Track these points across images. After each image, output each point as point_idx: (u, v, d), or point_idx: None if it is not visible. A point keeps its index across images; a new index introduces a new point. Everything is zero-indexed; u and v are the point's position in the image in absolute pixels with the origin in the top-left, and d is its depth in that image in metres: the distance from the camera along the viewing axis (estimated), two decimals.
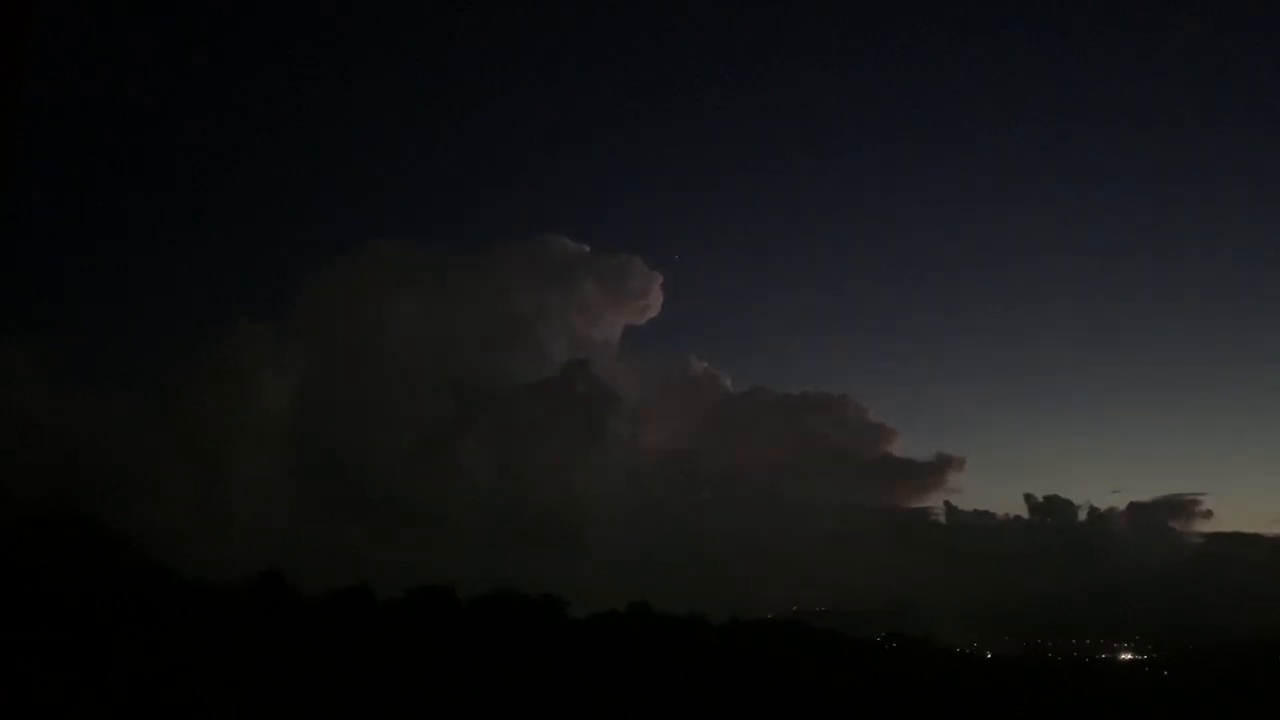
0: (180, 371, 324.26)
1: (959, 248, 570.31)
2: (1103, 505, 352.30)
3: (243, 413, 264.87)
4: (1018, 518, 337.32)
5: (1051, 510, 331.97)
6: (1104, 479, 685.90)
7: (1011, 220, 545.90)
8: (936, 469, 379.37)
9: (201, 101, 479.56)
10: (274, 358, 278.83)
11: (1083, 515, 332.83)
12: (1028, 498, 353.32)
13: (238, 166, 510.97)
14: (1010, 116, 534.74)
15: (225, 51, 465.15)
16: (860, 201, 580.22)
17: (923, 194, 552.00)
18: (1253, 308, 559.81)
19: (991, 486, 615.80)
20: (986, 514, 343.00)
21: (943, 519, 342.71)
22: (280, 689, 33.27)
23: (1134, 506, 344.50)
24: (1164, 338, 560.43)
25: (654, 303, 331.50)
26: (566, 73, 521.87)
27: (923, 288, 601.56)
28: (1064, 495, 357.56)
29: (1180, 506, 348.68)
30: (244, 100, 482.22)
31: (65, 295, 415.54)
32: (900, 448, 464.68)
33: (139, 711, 28.33)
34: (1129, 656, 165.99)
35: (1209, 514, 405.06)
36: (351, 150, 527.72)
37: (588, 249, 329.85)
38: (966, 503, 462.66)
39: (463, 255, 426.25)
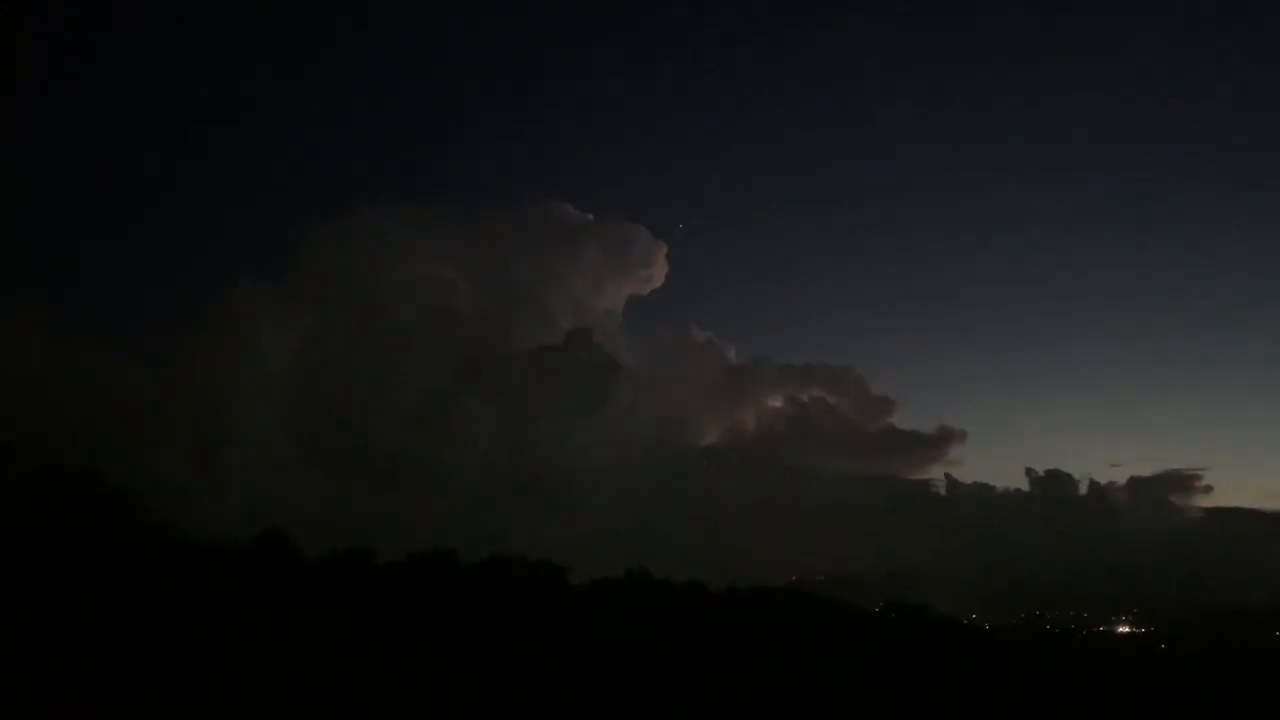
0: (182, 331, 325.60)
1: (963, 223, 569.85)
2: (1103, 479, 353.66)
3: (244, 371, 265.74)
4: (1018, 490, 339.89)
5: (1052, 483, 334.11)
6: (1105, 453, 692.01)
7: (1016, 198, 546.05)
8: (938, 441, 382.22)
9: (204, 63, 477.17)
10: (275, 317, 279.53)
11: (1083, 489, 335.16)
12: (1028, 471, 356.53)
13: (241, 126, 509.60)
14: (1016, 94, 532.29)
15: (227, 14, 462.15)
16: (866, 176, 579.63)
17: (928, 169, 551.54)
18: (1254, 285, 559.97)
19: (992, 459, 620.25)
20: (987, 486, 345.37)
21: (943, 491, 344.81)
22: (281, 648, 33.30)
23: (1134, 481, 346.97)
24: (1166, 315, 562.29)
25: (658, 272, 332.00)
26: (572, 40, 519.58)
27: (927, 262, 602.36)
28: (1065, 469, 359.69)
29: (1180, 481, 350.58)
30: (247, 62, 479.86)
31: (68, 254, 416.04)
32: (902, 420, 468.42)
33: (140, 669, 28.35)
34: (1127, 629, 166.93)
35: (1208, 489, 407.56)
36: (355, 112, 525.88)
37: (591, 217, 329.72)
38: (967, 475, 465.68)
39: (465, 220, 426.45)
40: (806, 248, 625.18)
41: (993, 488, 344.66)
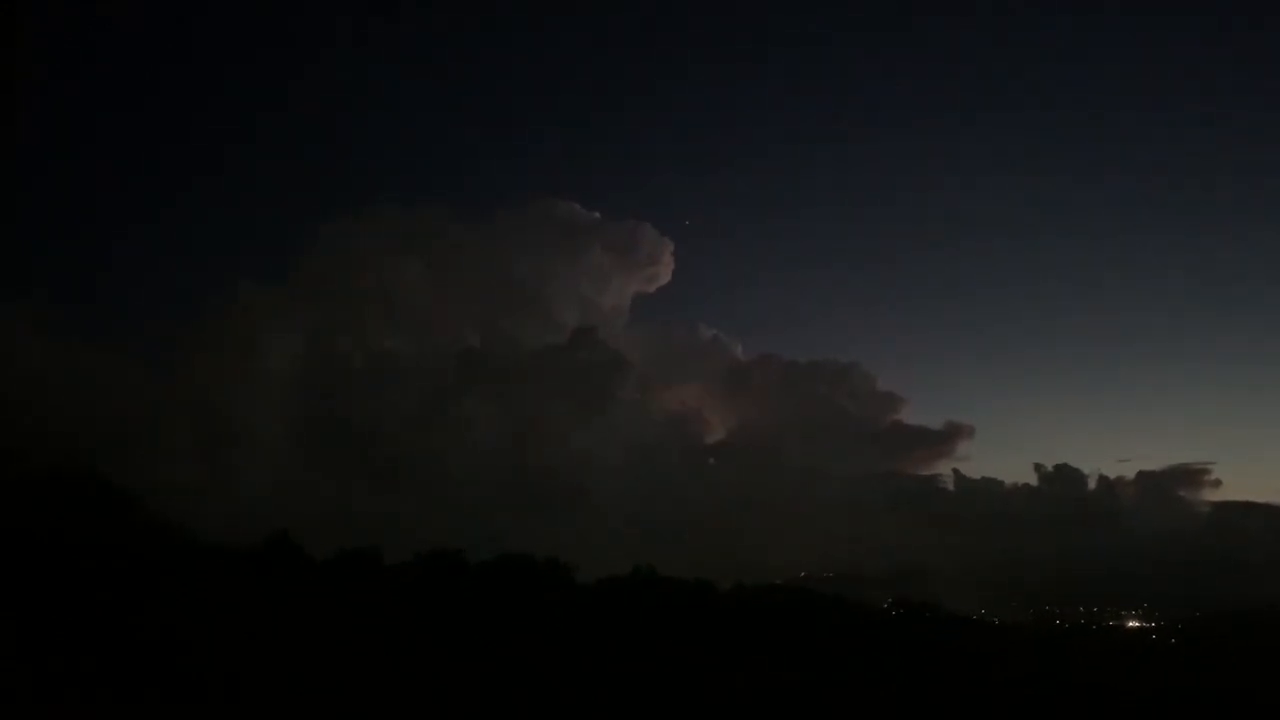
0: (184, 331, 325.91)
1: (970, 220, 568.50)
2: (1112, 474, 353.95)
3: (246, 372, 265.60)
4: (1026, 485, 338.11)
5: (1060, 478, 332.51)
6: (1113, 448, 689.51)
7: (1024, 195, 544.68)
8: (946, 437, 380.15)
9: (204, 64, 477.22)
10: (277, 317, 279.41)
11: (1092, 484, 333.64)
12: (1037, 466, 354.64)
13: (241, 126, 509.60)
14: (1022, 94, 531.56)
15: (229, 12, 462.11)
16: (873, 173, 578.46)
17: (935, 168, 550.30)
18: (1260, 281, 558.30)
19: (1000, 455, 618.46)
20: (995, 482, 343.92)
21: (951, 487, 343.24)
22: (283, 648, 33.09)
23: (1143, 475, 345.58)
24: (1174, 310, 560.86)
25: (664, 270, 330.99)
26: (580, 38, 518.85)
27: (934, 258, 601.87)
28: (1073, 464, 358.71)
29: (1189, 475, 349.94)
30: (247, 62, 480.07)
31: (69, 254, 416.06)
32: (910, 416, 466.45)
33: (140, 669, 28.14)
34: (1136, 624, 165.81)
35: (1218, 483, 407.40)
36: (358, 113, 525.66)
37: (598, 215, 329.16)
38: (975, 471, 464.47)
39: (470, 220, 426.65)
40: (813, 245, 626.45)
41: (1001, 483, 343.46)
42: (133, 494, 61.78)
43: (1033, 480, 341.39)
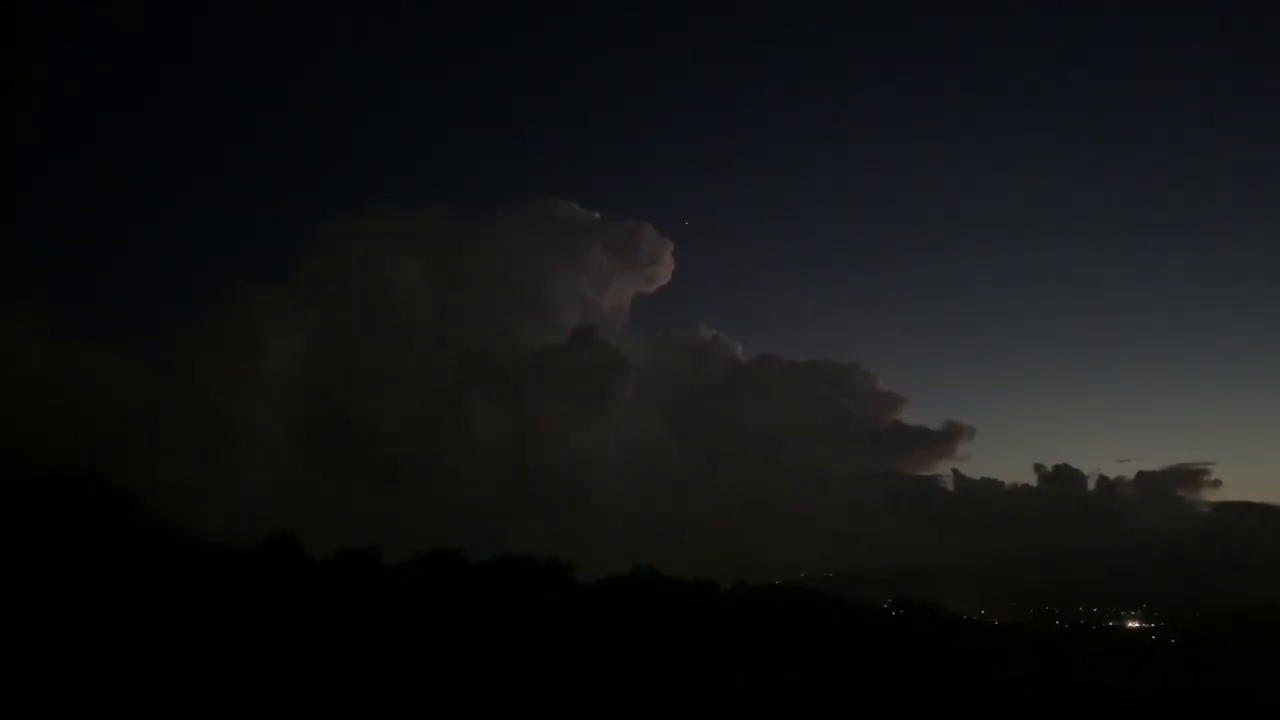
0: (184, 331, 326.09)
1: (970, 220, 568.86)
2: (1111, 474, 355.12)
3: (247, 372, 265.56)
4: (1026, 486, 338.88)
5: (1060, 479, 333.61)
6: (1113, 448, 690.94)
7: (1023, 195, 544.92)
8: (946, 437, 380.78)
9: (204, 64, 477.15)
10: (277, 318, 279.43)
11: (1091, 484, 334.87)
12: (1036, 466, 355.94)
13: (241, 126, 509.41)
14: (1022, 94, 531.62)
15: (229, 12, 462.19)
16: (873, 173, 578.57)
17: (935, 168, 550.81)
18: (1260, 280, 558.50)
19: (1000, 455, 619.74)
20: (995, 482, 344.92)
21: (951, 487, 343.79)
22: (283, 648, 33.06)
23: (1143, 475, 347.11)
24: (1174, 310, 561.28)
25: (664, 270, 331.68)
26: (580, 38, 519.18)
27: (934, 258, 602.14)
28: (1072, 464, 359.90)
29: (1189, 475, 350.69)
30: (247, 62, 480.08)
31: (69, 255, 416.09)
32: (910, 416, 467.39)
33: (140, 669, 28.12)
34: (1136, 624, 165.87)
35: (1217, 483, 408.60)
36: (358, 113, 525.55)
37: (598, 216, 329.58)
38: (975, 471, 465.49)
39: (471, 220, 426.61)
40: (813, 245, 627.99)
41: (1000, 483, 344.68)
42: (133, 494, 61.81)
43: (1033, 480, 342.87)
